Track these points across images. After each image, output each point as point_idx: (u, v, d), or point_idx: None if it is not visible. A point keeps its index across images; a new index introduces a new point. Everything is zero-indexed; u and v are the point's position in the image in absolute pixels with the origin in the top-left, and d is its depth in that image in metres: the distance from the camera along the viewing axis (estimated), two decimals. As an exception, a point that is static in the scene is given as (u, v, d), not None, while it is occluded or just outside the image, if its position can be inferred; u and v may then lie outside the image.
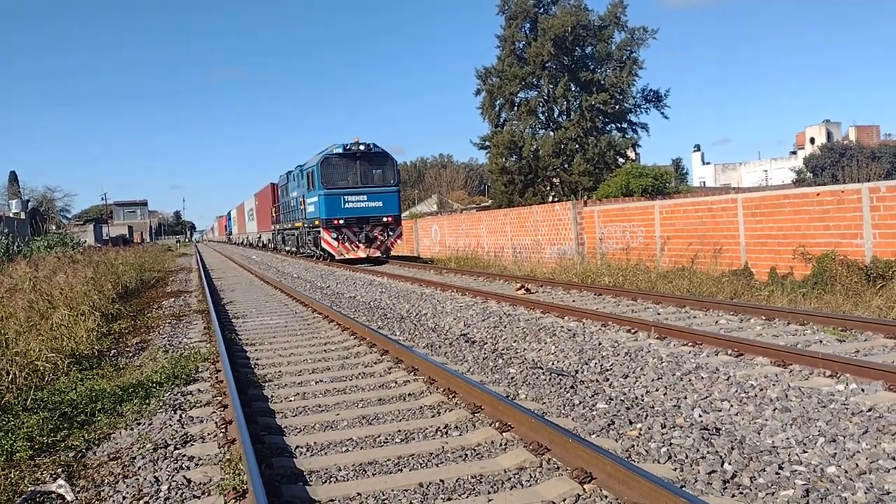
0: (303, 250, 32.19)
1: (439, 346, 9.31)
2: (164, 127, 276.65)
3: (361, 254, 26.39)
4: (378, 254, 26.72)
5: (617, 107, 40.46)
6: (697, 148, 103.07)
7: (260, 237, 52.72)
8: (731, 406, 5.95)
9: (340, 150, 26.48)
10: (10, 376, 7.40)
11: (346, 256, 26.26)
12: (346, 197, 26.22)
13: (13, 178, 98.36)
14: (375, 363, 8.46)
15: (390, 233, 26.96)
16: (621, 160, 40.94)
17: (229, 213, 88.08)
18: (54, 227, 70.92)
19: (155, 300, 18.18)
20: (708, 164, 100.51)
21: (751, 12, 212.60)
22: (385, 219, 26.67)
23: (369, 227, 26.44)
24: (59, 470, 5.19)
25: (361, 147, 26.57)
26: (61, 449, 5.70)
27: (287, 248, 37.16)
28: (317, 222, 27.02)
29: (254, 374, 8.16)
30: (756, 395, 6.17)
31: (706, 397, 6.25)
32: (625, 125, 41.97)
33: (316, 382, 7.67)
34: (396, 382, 7.41)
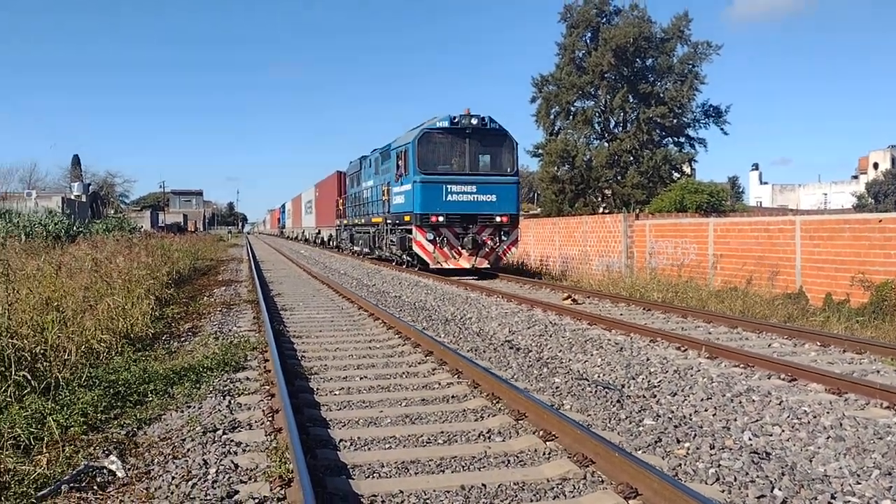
0: (379, 253, 26.28)
1: (483, 351, 9.30)
2: (222, 120, 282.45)
3: (464, 263, 20.26)
4: (486, 264, 20.56)
5: (675, 120, 39.95)
6: (755, 167, 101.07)
7: (319, 233, 46.54)
8: (783, 431, 5.81)
9: (446, 124, 20.29)
10: (67, 353, 7.63)
11: (445, 266, 20.23)
12: (449, 186, 20.08)
13: (76, 161, 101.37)
14: (419, 363, 8.49)
15: (503, 237, 20.59)
16: (676, 175, 40.36)
17: (283, 206, 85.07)
18: (113, 212, 73.02)
19: (207, 288, 18.57)
20: (765, 183, 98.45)
21: (817, 32, 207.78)
22: (498, 218, 20.32)
23: (477, 229, 20.24)
24: (111, 447, 5.32)
25: (473, 121, 20.28)
26: (114, 426, 5.85)
27: (356, 249, 31.20)
28: (406, 218, 20.92)
29: (300, 366, 8.27)
30: (809, 422, 6.01)
31: (757, 421, 6.11)
32: (682, 139, 41.41)
33: (360, 378, 7.74)
34: (440, 384, 7.42)
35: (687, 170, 42.74)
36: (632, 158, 40.26)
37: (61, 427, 5.58)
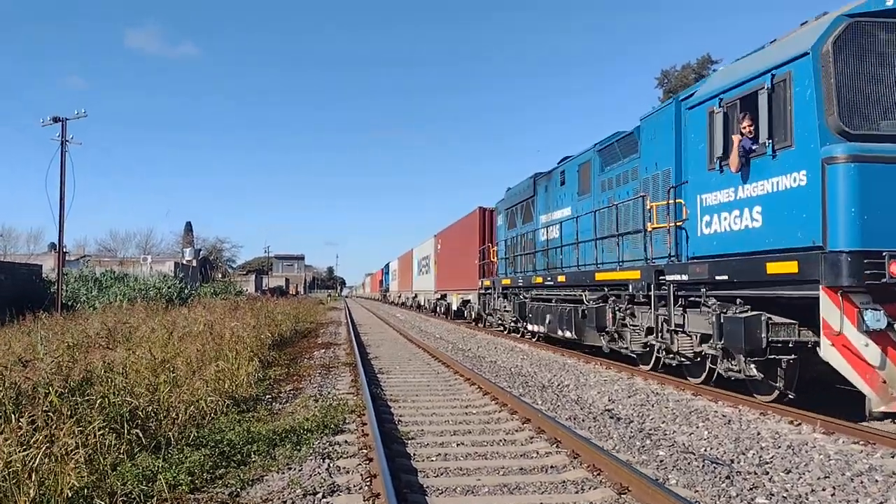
0: (607, 343, 14.20)
1: (582, 420, 9.07)
2: (321, 185, 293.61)
3: None
4: None
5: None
6: None
7: (443, 298, 34.91)
8: (913, 516, 5.36)
9: None
10: (177, 413, 7.95)
11: None
12: None
13: (188, 228, 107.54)
14: (516, 431, 8.36)
15: None
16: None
17: (386, 266, 76.88)
18: (220, 276, 76.50)
19: (307, 350, 19.00)
20: None
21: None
22: None
23: None
24: (216, 506, 5.46)
25: None
26: (218, 486, 6.00)
27: (533, 328, 18.85)
28: (777, 268, 8.61)
29: (397, 430, 8.29)
30: (942, 508, 5.52)
31: (882, 503, 5.67)
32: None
33: (457, 445, 7.67)
34: (538, 453, 7.27)
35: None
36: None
37: (169, 485, 5.77)
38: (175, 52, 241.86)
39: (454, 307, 31.25)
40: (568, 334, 15.90)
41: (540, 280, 18.16)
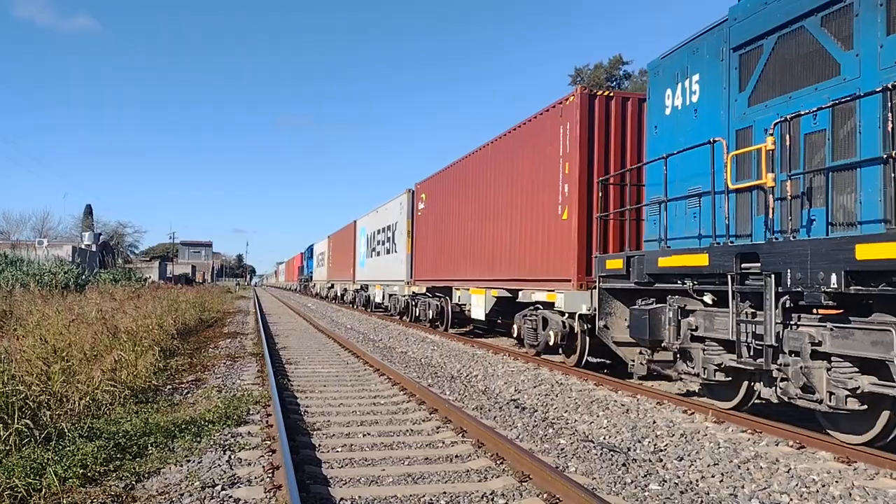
0: None
1: (489, 410, 9.21)
2: (229, 171, 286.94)
3: None
4: None
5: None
6: None
7: (435, 295, 20.92)
8: (791, 500, 5.69)
9: None
10: (71, 403, 7.61)
11: None
12: None
13: (88, 211, 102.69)
14: (424, 421, 8.41)
15: None
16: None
17: (310, 249, 63.22)
18: (122, 261, 73.51)
19: (212, 340, 18.53)
20: None
21: None
22: None
23: None
24: (109, 500, 5.26)
25: None
26: (112, 479, 5.78)
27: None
28: None
29: (303, 422, 8.20)
30: (818, 491, 5.89)
31: (765, 488, 5.99)
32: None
33: (363, 435, 7.66)
34: (444, 443, 7.33)
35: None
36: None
37: (60, 478, 5.52)
38: (69, 25, 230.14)
39: (475, 314, 17.50)
40: None
41: None
